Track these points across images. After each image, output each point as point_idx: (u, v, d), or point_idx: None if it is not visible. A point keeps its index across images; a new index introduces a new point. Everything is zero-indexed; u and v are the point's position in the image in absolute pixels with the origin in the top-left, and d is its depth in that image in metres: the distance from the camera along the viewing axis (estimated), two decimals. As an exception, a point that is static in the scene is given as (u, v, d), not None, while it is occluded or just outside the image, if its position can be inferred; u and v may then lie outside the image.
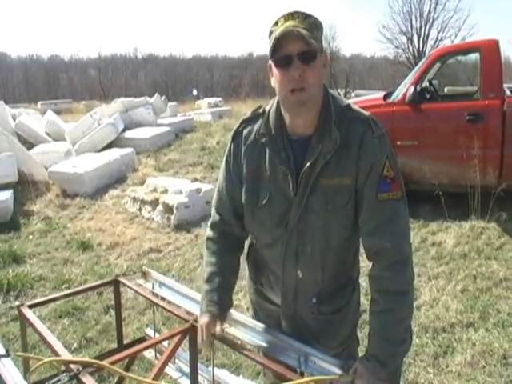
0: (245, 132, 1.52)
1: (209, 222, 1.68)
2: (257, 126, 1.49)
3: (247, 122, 1.54)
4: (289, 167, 1.42)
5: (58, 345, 1.56)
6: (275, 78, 1.39)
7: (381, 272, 1.40)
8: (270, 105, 1.50)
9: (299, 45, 1.30)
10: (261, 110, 1.52)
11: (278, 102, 1.45)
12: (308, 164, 1.39)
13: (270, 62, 1.39)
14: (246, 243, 1.72)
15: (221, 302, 1.55)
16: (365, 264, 1.57)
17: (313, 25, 1.33)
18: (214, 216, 1.65)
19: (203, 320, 1.53)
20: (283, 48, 1.32)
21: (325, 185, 1.40)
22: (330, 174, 1.39)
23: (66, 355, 1.49)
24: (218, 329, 1.51)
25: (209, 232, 1.66)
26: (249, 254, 1.72)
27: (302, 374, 1.47)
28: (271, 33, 1.35)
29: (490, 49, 5.07)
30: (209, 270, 1.60)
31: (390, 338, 1.37)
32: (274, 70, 1.38)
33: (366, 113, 1.44)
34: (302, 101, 1.34)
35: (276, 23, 1.34)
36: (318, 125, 1.41)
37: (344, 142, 1.38)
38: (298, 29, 1.29)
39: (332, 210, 1.41)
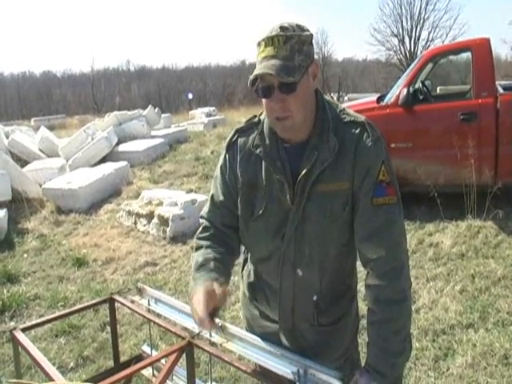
0: (240, 142, 1.50)
1: (199, 230, 1.58)
2: (252, 136, 1.47)
3: (241, 132, 1.52)
4: (285, 176, 1.39)
5: (51, 369, 1.53)
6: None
7: (376, 281, 1.37)
8: (265, 114, 1.47)
9: (277, 78, 1.28)
10: (256, 120, 1.51)
11: None
12: (304, 171, 1.37)
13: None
14: (241, 257, 1.68)
15: (219, 270, 1.41)
16: (362, 269, 1.53)
17: (295, 46, 1.29)
18: (206, 223, 1.56)
19: (197, 293, 1.33)
20: (262, 79, 1.31)
21: (322, 191, 1.38)
22: (326, 180, 1.37)
23: (59, 379, 1.46)
24: (220, 296, 1.33)
25: (200, 233, 1.56)
26: (243, 269, 1.68)
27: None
28: (258, 45, 1.33)
29: (481, 48, 5.07)
30: (201, 259, 1.45)
31: (389, 348, 1.34)
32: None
33: (362, 116, 1.42)
34: (288, 127, 1.35)
35: (259, 44, 1.32)
36: (314, 131, 1.39)
37: (340, 147, 1.36)
38: (274, 66, 1.26)
39: (330, 216, 1.38)
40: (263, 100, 1.35)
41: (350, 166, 1.36)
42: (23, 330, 1.82)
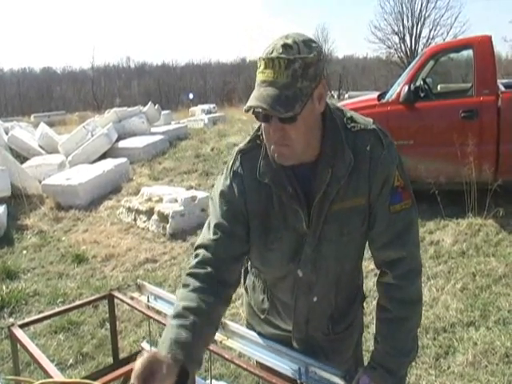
0: (245, 170, 1.33)
1: (193, 261, 1.30)
2: (257, 162, 1.30)
3: (244, 154, 1.34)
4: (299, 202, 1.28)
5: (49, 366, 1.53)
6: None
7: (395, 281, 1.33)
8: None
9: (273, 113, 1.14)
10: (258, 142, 1.33)
11: None
12: (320, 194, 1.26)
13: None
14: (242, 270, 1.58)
15: (190, 349, 1.10)
16: (364, 263, 1.53)
17: (298, 71, 1.12)
18: (203, 255, 1.29)
19: (152, 356, 1.03)
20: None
21: (337, 210, 1.29)
22: (342, 198, 1.28)
23: (58, 376, 1.45)
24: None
25: (194, 268, 1.28)
26: (245, 282, 1.60)
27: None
28: (258, 60, 1.17)
29: (483, 45, 5.07)
30: (183, 304, 1.18)
31: (400, 347, 1.32)
32: None
33: (371, 121, 1.32)
34: (285, 155, 1.22)
35: (259, 60, 1.16)
36: (324, 147, 1.26)
37: (353, 160, 1.26)
38: (270, 97, 1.12)
39: (347, 234, 1.32)
40: (262, 123, 1.23)
41: (365, 179, 1.27)
42: (21, 327, 1.80)
